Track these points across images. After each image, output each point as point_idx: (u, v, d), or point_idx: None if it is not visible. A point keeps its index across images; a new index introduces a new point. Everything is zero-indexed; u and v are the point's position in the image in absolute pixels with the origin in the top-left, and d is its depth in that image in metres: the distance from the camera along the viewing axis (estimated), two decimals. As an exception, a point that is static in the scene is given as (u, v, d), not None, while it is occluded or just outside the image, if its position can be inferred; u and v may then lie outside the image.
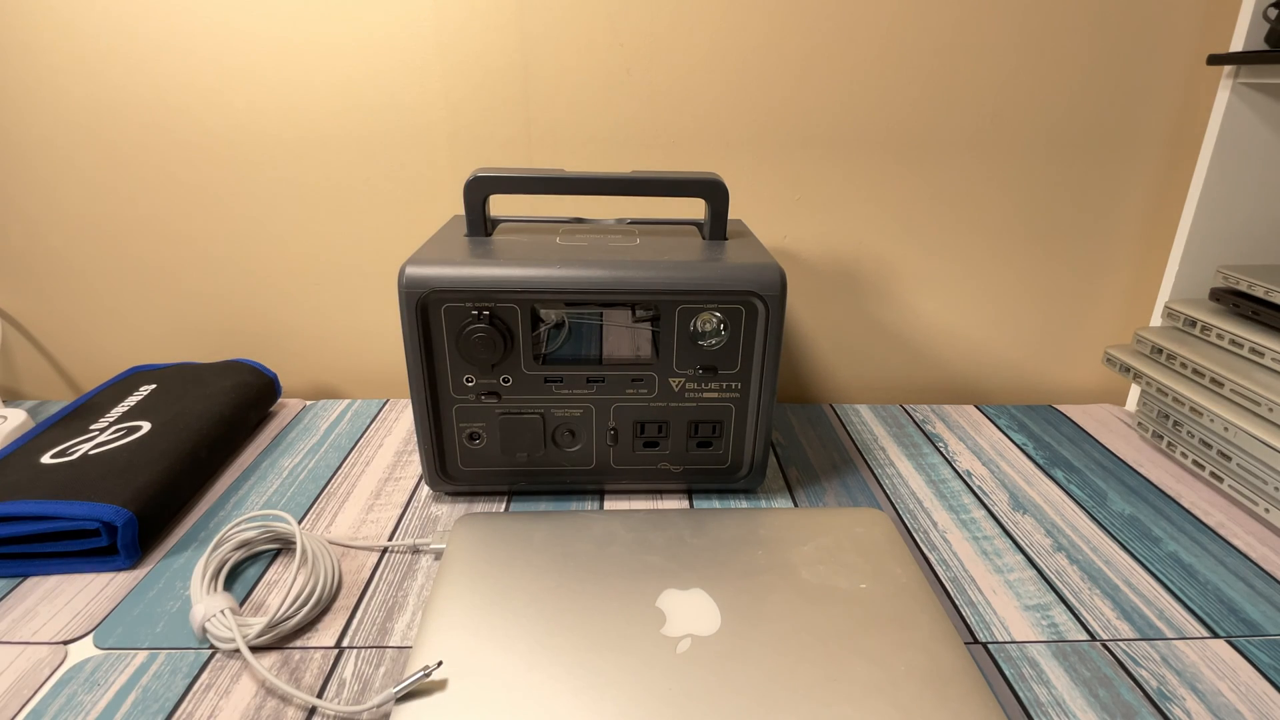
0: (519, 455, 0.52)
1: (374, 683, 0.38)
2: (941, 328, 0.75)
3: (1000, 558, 0.49)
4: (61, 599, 0.44)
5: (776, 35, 0.64)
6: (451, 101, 0.65)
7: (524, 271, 0.47)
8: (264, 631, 0.40)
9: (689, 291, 0.48)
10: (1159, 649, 0.41)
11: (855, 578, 0.41)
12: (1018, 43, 0.65)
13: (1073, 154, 0.68)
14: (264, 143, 0.66)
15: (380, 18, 0.63)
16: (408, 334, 0.48)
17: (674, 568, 0.42)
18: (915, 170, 0.69)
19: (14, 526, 0.45)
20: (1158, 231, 0.71)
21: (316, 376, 0.76)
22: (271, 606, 0.43)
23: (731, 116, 0.66)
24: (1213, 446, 0.56)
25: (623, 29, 0.64)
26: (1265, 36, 0.60)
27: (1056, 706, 0.37)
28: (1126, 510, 0.54)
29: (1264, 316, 0.56)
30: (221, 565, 0.44)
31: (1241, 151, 0.63)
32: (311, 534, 0.47)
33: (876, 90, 0.66)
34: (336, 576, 0.45)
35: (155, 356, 0.75)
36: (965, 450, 0.63)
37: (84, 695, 0.37)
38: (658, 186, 0.51)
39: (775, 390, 0.51)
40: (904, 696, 0.34)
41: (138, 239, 0.70)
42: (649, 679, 0.34)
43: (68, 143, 0.66)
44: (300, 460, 0.59)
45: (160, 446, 0.53)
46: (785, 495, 0.55)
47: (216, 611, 0.40)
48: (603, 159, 0.68)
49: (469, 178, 0.52)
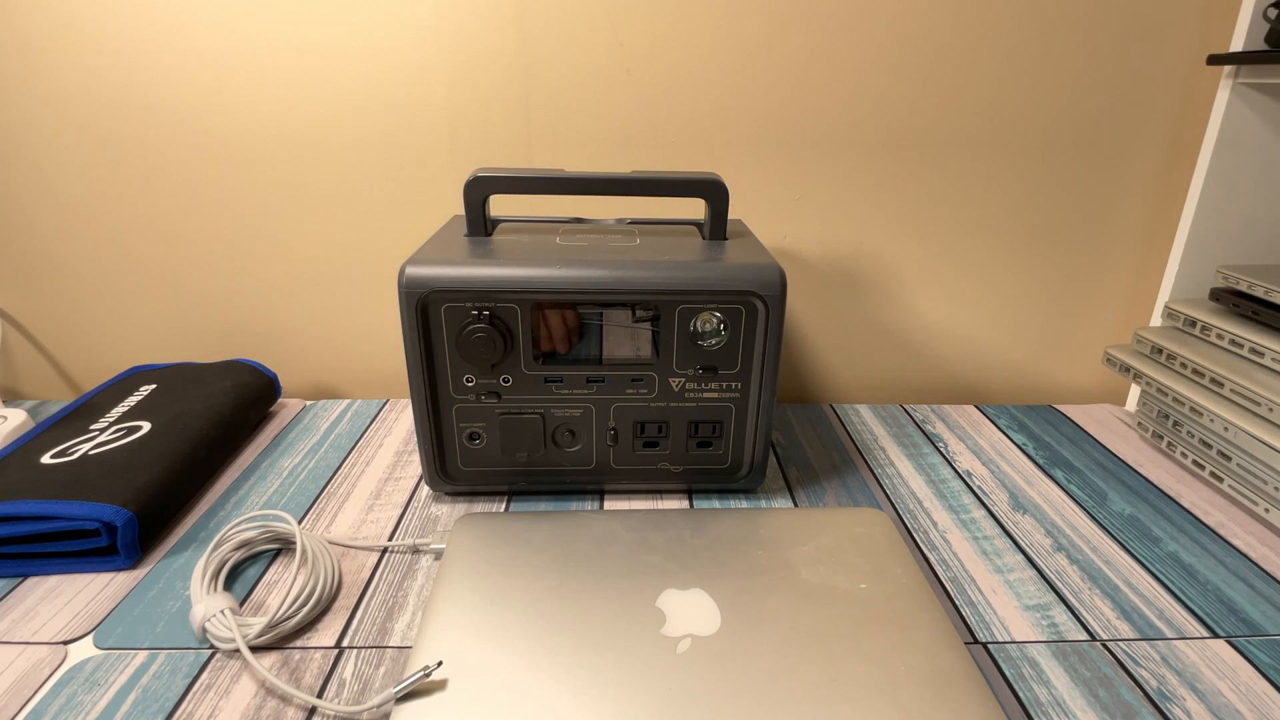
0: (519, 455, 0.52)
1: (374, 683, 0.38)
2: (941, 328, 0.75)
3: (1000, 558, 0.49)
4: (61, 599, 0.44)
5: (776, 35, 0.64)
6: (451, 101, 0.65)
7: (524, 271, 0.47)
8: (264, 631, 0.40)
9: (689, 291, 0.48)
10: (1159, 649, 0.41)
11: (855, 578, 0.41)
12: (1018, 43, 0.65)
13: (1073, 154, 0.68)
14: (264, 143, 0.66)
15: (380, 18, 0.63)
16: (408, 334, 0.48)
17: (674, 568, 0.42)
18: (915, 170, 0.69)
19: (14, 526, 0.45)
20: (1157, 231, 0.71)
21: (316, 376, 0.76)
22: (271, 606, 0.43)
23: (731, 116, 0.66)
24: (1213, 446, 0.56)
25: (623, 29, 0.64)
26: (1265, 36, 0.60)
27: (1056, 706, 0.37)
28: (1126, 510, 0.54)
29: (1264, 316, 0.56)
30: (221, 565, 0.44)
31: (1241, 151, 0.63)
32: (311, 534, 0.47)
33: (877, 90, 0.66)
34: (336, 577, 0.45)
35: (155, 356, 0.75)
36: (965, 450, 0.63)
37: (84, 695, 0.37)
38: (658, 186, 0.51)
39: (775, 390, 0.51)
40: (904, 696, 0.34)
41: (138, 239, 0.70)
42: (649, 679, 0.34)
43: (68, 143, 0.66)
44: (300, 460, 0.59)
45: (160, 446, 0.53)
46: (785, 495, 0.55)
47: (216, 611, 0.40)
48: (603, 159, 0.68)
49: (469, 178, 0.52)
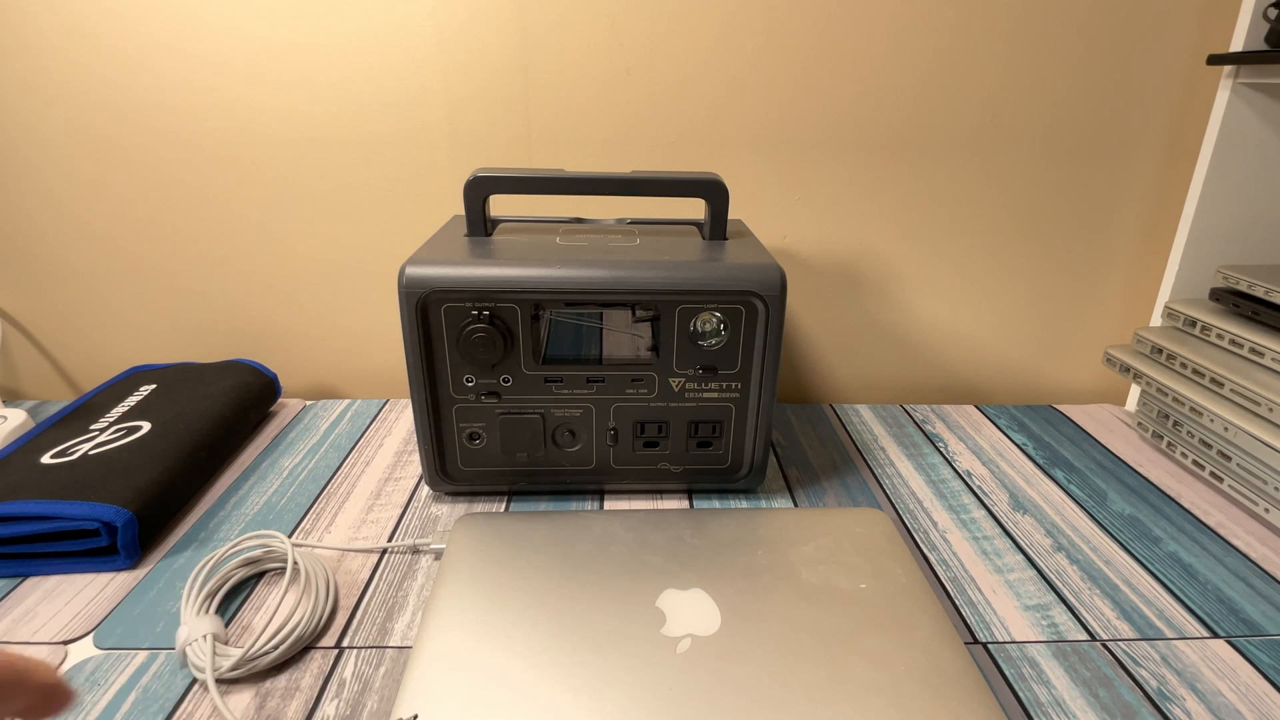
0: (519, 455, 0.52)
1: (374, 683, 0.38)
2: (941, 328, 0.75)
3: (1000, 558, 0.49)
4: (61, 599, 0.44)
5: (777, 36, 0.64)
6: (451, 101, 0.65)
7: (524, 271, 0.47)
8: (238, 665, 0.37)
9: (689, 291, 0.48)
10: (1159, 649, 0.41)
11: (855, 578, 0.41)
12: (1018, 43, 0.65)
13: (1073, 154, 0.68)
14: (264, 143, 0.66)
15: (380, 18, 0.63)
16: (408, 334, 0.48)
17: (674, 568, 0.42)
18: (915, 170, 0.69)
19: (14, 526, 0.45)
20: (1157, 231, 0.71)
21: (316, 376, 0.76)
22: (253, 633, 0.41)
23: (732, 117, 0.66)
24: (1213, 446, 0.56)
25: (623, 29, 0.64)
26: (1265, 36, 0.60)
27: (1056, 706, 0.37)
28: (1126, 510, 0.54)
29: (1264, 316, 0.56)
30: (217, 589, 0.42)
31: (1241, 152, 0.63)
32: (311, 554, 0.45)
33: (877, 90, 0.66)
34: (330, 606, 0.43)
35: (155, 356, 0.75)
36: (965, 450, 0.63)
37: (84, 695, 0.37)
38: (658, 186, 0.51)
39: (775, 390, 0.51)
40: (904, 696, 0.34)
41: (138, 239, 0.70)
42: (649, 679, 0.34)
43: (68, 143, 0.66)
44: (300, 460, 0.59)
45: (160, 446, 0.53)
46: (785, 495, 0.55)
47: (198, 636, 0.38)
48: (603, 159, 0.68)
49: (469, 178, 0.52)
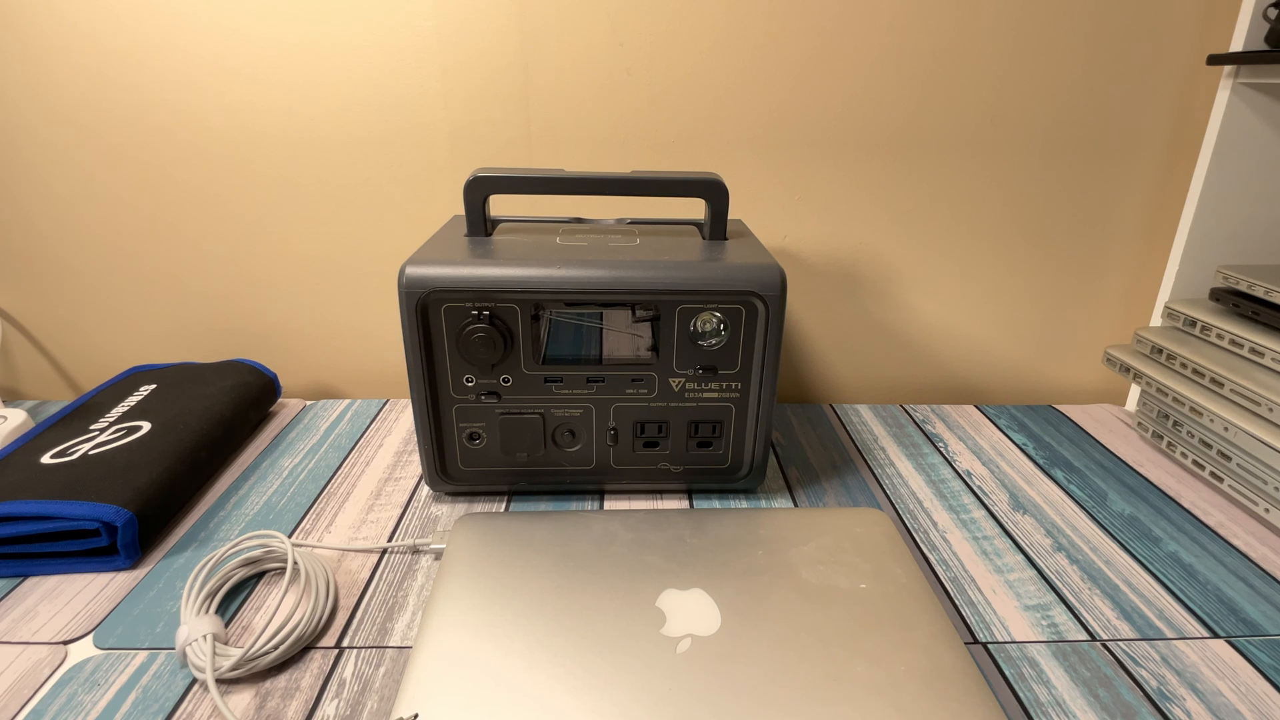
0: (519, 455, 0.52)
1: (374, 683, 0.38)
2: (941, 328, 0.75)
3: (1000, 558, 0.49)
4: (61, 599, 0.44)
5: (777, 36, 0.64)
6: (451, 101, 0.65)
7: (524, 271, 0.47)
8: (238, 665, 0.37)
9: (689, 291, 0.48)
10: (1159, 649, 0.41)
11: (855, 578, 0.41)
12: (1017, 43, 0.65)
13: (1073, 154, 0.68)
14: (264, 143, 0.66)
15: (380, 18, 0.63)
16: (408, 334, 0.48)
17: (674, 568, 0.42)
18: (915, 170, 0.69)
19: (14, 526, 0.45)
20: (1157, 232, 0.71)
21: (316, 376, 0.76)
22: (253, 631, 0.41)
23: (732, 117, 0.66)
24: (1213, 446, 0.56)
25: (623, 29, 0.64)
26: (1265, 36, 0.60)
27: (1056, 706, 0.37)
28: (1126, 510, 0.54)
29: (1264, 316, 0.56)
30: (217, 589, 0.43)
31: (1241, 152, 0.63)
32: (311, 554, 0.45)
33: (877, 90, 0.66)
34: (330, 606, 0.43)
35: (155, 356, 0.75)
36: (965, 450, 0.63)
37: (84, 695, 0.37)
38: (658, 186, 0.51)
39: (775, 390, 0.51)
40: (904, 696, 0.34)
41: (138, 239, 0.70)
42: (649, 679, 0.34)
43: (68, 143, 0.66)
44: (300, 460, 0.59)
45: (160, 446, 0.53)
46: (785, 495, 0.55)
47: (199, 636, 0.38)
48: (603, 159, 0.68)
49: (469, 178, 0.52)
